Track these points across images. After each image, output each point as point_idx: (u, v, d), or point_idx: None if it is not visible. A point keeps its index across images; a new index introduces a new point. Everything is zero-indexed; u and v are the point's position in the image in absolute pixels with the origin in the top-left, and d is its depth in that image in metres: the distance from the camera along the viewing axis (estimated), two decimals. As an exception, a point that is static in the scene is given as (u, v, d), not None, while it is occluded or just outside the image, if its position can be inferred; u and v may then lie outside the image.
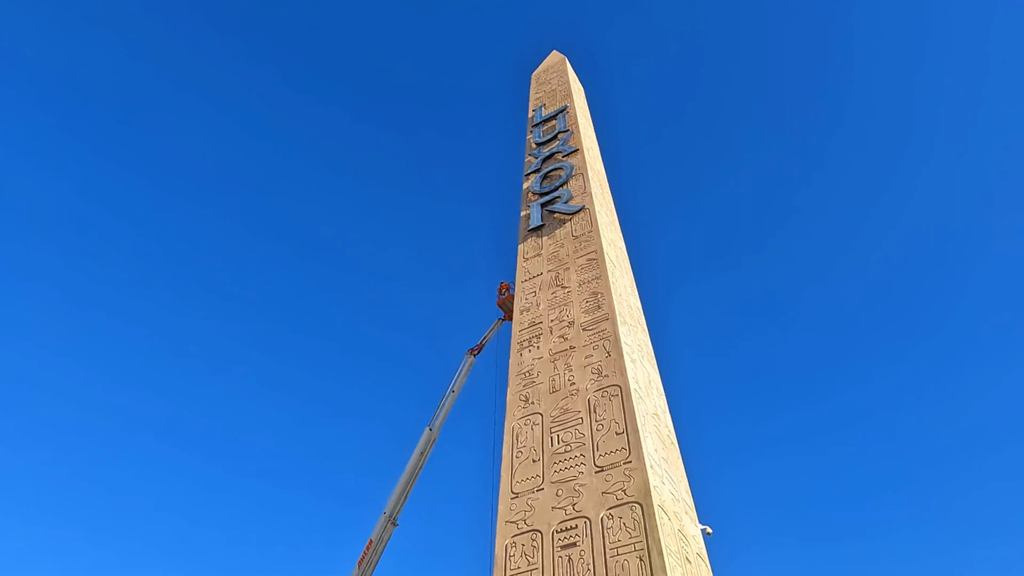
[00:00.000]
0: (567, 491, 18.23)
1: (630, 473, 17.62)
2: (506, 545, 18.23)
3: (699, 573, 17.76)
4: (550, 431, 20.23)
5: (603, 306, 23.20)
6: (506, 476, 19.96)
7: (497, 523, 19.04)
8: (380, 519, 27.65)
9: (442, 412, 30.82)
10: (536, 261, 27.65)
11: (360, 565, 26.57)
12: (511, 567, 17.69)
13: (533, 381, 22.24)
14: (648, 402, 21.08)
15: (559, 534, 17.50)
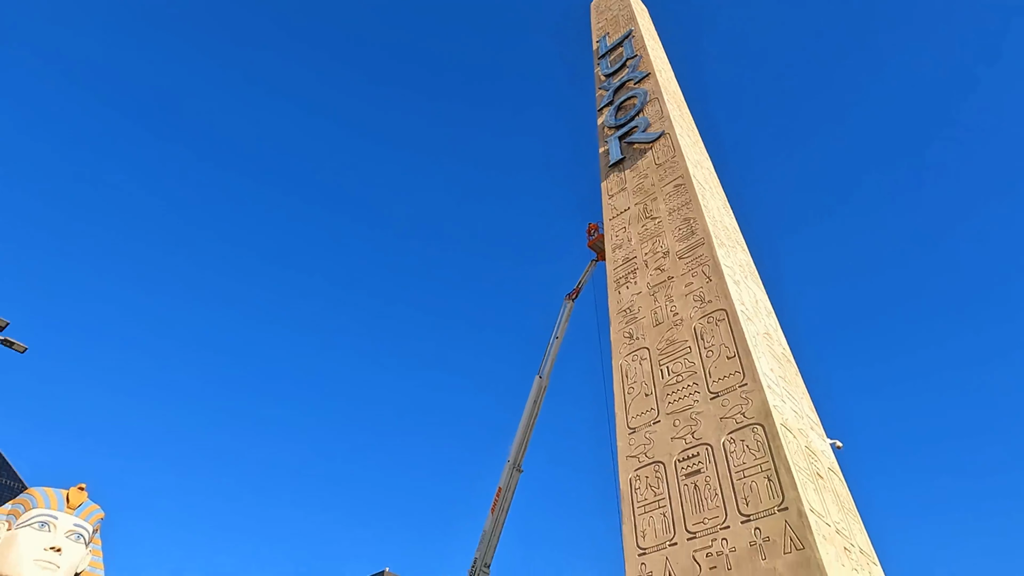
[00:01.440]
0: (684, 420, 18.13)
1: (747, 396, 17.25)
2: (630, 479, 18.46)
3: (833, 487, 17.31)
4: (659, 364, 20.06)
5: (697, 231, 22.45)
6: (620, 413, 20.07)
7: (618, 459, 19.29)
8: (505, 467, 28.74)
9: (549, 359, 31.27)
10: (622, 196, 27.03)
11: (493, 511, 27.86)
12: (638, 500, 17.93)
13: (635, 317, 22.02)
14: (757, 322, 20.40)
15: (681, 463, 17.50)
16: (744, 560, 14.91)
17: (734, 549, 15.21)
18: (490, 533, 27.42)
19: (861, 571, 15.45)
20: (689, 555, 15.93)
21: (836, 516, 16.15)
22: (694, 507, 16.52)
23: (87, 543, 29.86)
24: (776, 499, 15.15)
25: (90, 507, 30.64)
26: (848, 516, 17.01)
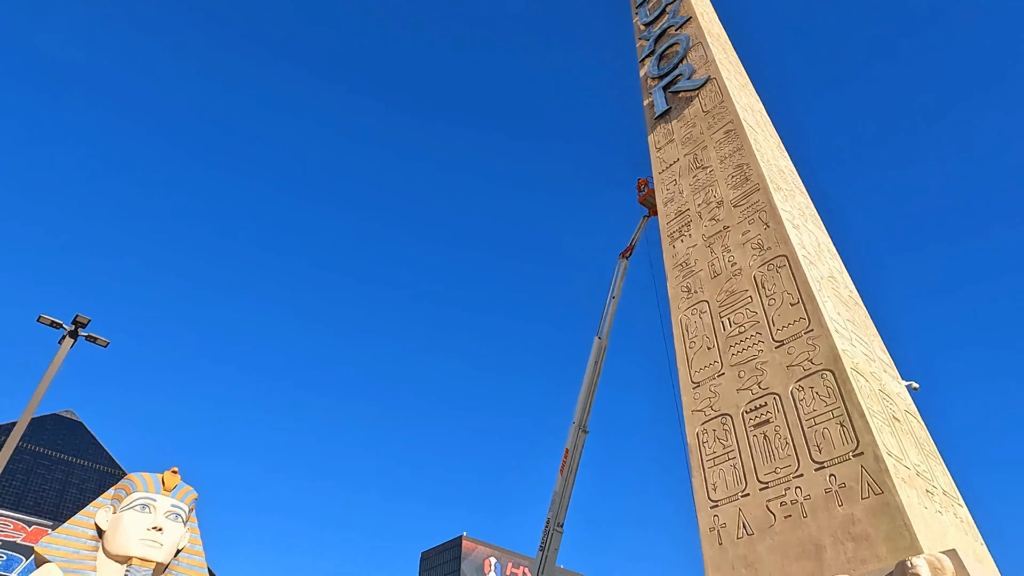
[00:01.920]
0: (749, 371, 17.85)
1: (813, 341, 16.81)
2: (696, 433, 18.38)
3: (911, 429, 16.80)
4: (719, 316, 19.72)
5: (751, 177, 21.74)
6: (683, 368, 19.91)
7: (683, 414, 19.20)
8: (571, 429, 29.02)
9: (607, 319, 31.14)
10: (670, 148, 26.36)
11: (562, 472, 28.28)
12: (706, 453, 17.86)
13: (692, 270, 21.64)
14: (821, 266, 19.74)
15: (749, 414, 17.29)
16: (819, 507, 14.73)
17: (809, 497, 15.02)
18: (561, 493, 27.88)
19: (945, 512, 15.04)
20: (762, 505, 15.83)
21: (915, 458, 15.71)
22: (765, 457, 16.35)
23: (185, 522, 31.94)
24: (850, 444, 14.84)
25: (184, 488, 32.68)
26: (928, 458, 16.52)
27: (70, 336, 12.91)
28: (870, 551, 13.60)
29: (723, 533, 16.36)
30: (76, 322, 12.90)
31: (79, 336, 12.95)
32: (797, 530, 14.94)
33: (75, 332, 12.99)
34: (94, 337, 13.19)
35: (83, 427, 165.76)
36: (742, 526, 16.05)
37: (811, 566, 14.25)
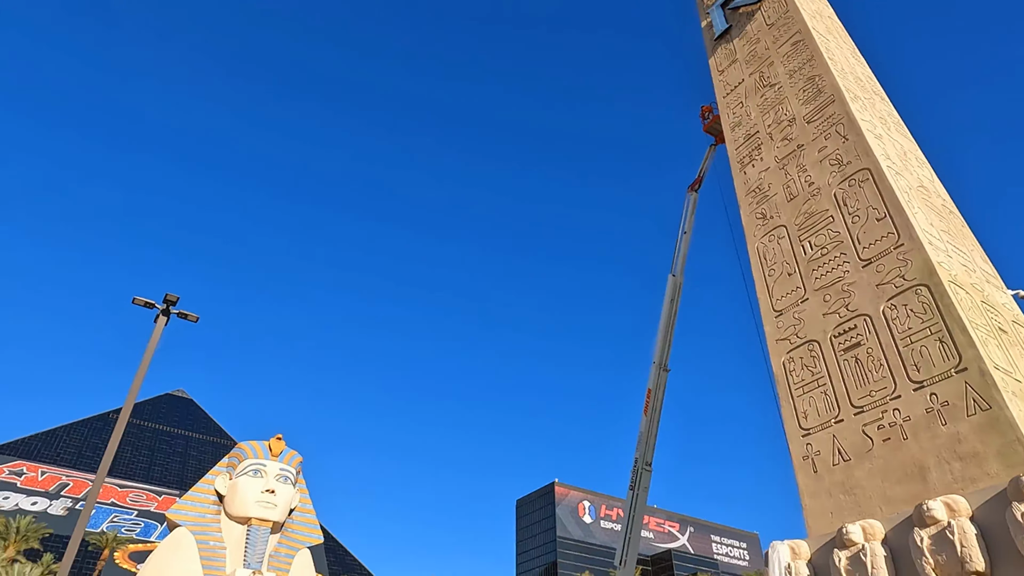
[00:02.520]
0: (835, 294, 17.04)
1: (904, 256, 15.81)
2: (783, 362, 17.83)
3: (1020, 340, 15.67)
4: (799, 240, 18.82)
5: (824, 89, 20.34)
6: (763, 297, 19.23)
7: (767, 343, 18.63)
8: (652, 369, 28.78)
9: (680, 255, 30.32)
10: (733, 69, 24.96)
11: (646, 412, 28.22)
12: (794, 382, 17.33)
13: (766, 195, 20.67)
14: (908, 176, 18.41)
15: (837, 338, 16.58)
16: (921, 428, 14.08)
17: (908, 418, 14.37)
18: (646, 433, 27.88)
19: (1063, 425, 14.06)
20: (858, 430, 15.28)
21: (1027, 370, 14.68)
22: (858, 381, 15.70)
23: (294, 484, 33.63)
24: (951, 361, 14.01)
25: (290, 453, 34.35)
26: (1041, 369, 15.40)
27: (163, 314, 13.87)
28: (979, 469, 12.94)
29: (817, 461, 15.95)
30: (167, 300, 13.80)
31: (171, 314, 13.91)
32: (897, 453, 14.38)
33: (167, 310, 13.93)
34: (184, 314, 14.09)
35: (194, 404, 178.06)
36: (837, 452, 15.59)
37: (915, 488, 13.72)
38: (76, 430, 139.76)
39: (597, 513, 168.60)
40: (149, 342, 12.33)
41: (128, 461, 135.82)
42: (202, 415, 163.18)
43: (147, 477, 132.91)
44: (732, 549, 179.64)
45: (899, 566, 12.84)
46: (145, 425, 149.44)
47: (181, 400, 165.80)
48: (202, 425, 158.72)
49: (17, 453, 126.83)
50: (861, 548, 13.22)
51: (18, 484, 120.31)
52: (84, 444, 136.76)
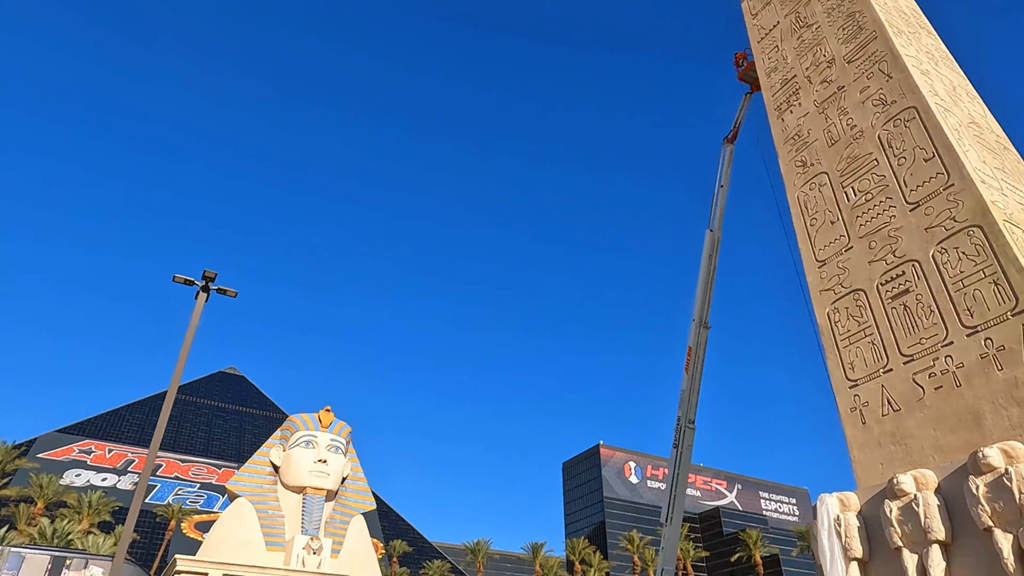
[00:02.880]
0: (881, 240, 16.41)
1: (955, 197, 15.08)
2: (827, 313, 17.36)
3: (1082, 280, 14.87)
4: (841, 186, 18.12)
5: (865, 25, 19.31)
6: (805, 247, 18.67)
7: (810, 295, 18.14)
8: (692, 326, 28.33)
9: (717, 210, 29.51)
10: (767, 12, 23.89)
11: (687, 371, 27.91)
12: (839, 333, 16.87)
13: (805, 142, 19.90)
14: (958, 112, 17.46)
15: (884, 286, 16.02)
16: (975, 374, 13.58)
17: (961, 364, 13.87)
18: (688, 391, 27.61)
19: None
20: (908, 379, 14.84)
21: (1090, 310, 13.96)
22: (907, 329, 15.19)
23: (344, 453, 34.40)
24: (1007, 303, 13.40)
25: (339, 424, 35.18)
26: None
27: (203, 291, 14.25)
28: (1039, 414, 12.46)
29: (865, 412, 15.59)
30: (205, 277, 14.17)
31: (211, 290, 14.28)
32: (950, 400, 13.93)
33: (206, 286, 14.31)
34: (224, 289, 14.46)
35: (246, 380, 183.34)
36: (886, 402, 15.19)
37: (969, 436, 13.30)
38: (137, 409, 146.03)
39: (643, 473, 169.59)
40: (191, 318, 12.70)
41: (188, 437, 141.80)
42: (254, 391, 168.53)
43: (206, 452, 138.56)
44: (781, 505, 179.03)
45: (953, 515, 12.54)
46: (201, 403, 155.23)
47: (233, 377, 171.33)
48: (255, 400, 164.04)
49: (85, 433, 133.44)
50: (913, 498, 12.94)
51: (88, 462, 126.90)
52: (145, 422, 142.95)
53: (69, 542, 42.39)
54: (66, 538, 42.73)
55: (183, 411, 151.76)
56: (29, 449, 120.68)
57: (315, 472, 50.26)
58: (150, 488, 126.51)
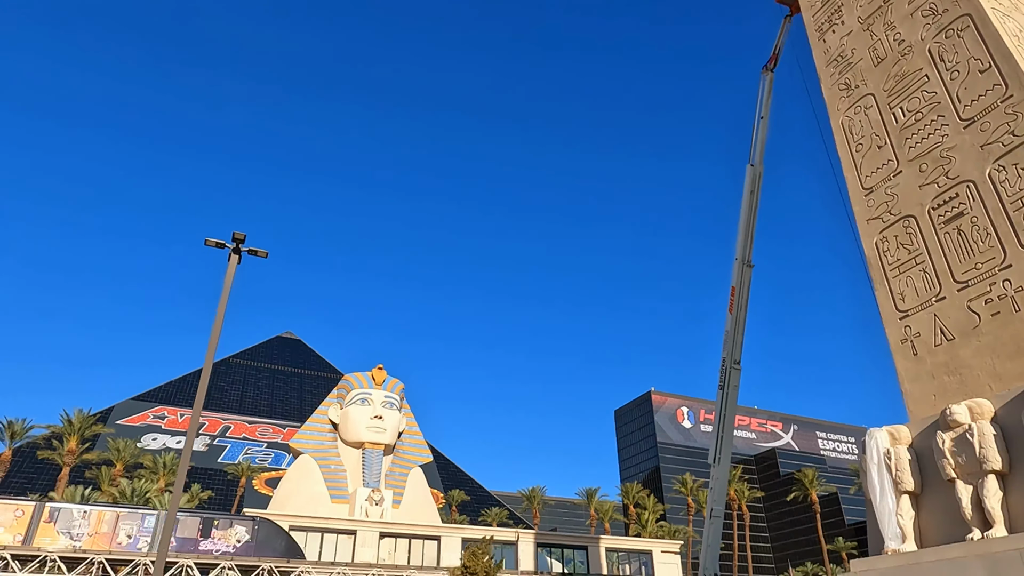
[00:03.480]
0: (932, 162, 15.46)
1: (1014, 109, 14.00)
2: (875, 243, 16.60)
3: None
4: (889, 107, 17.05)
5: (913, -71, 17.79)
6: (851, 175, 17.78)
7: (857, 225, 17.35)
8: (734, 265, 27.50)
9: (758, 143, 28.16)
10: (805, -76, 22.29)
11: (731, 311, 27.25)
12: (889, 262, 16.14)
13: (849, 62, 18.72)
14: (1018, 16, 16.08)
15: (936, 211, 15.16)
16: (1036, 297, 12.81)
17: (1021, 288, 13.10)
18: (732, 332, 27.04)
19: None
20: (962, 306, 14.13)
21: None
22: (961, 254, 14.40)
23: (399, 409, 36.75)
24: (1072, 220, 12.51)
25: (392, 381, 37.42)
26: None
27: (234, 252, 14.49)
28: (1106, 336, 11.72)
29: (917, 343, 14.99)
30: (235, 239, 14.40)
31: (242, 252, 14.52)
32: (1009, 327, 13.23)
33: (237, 248, 14.54)
34: (254, 250, 14.66)
35: (302, 343, 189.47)
36: (939, 332, 14.55)
37: (1029, 362, 12.65)
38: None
39: (696, 418, 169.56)
40: (225, 279, 12.97)
41: (252, 400, 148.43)
42: (311, 353, 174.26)
43: (270, 413, 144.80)
44: (839, 444, 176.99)
45: (1011, 444, 12.05)
46: (263, 367, 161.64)
47: (291, 341, 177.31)
48: (312, 362, 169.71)
49: (157, 399, 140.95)
50: (967, 428, 12.47)
51: (162, 426, 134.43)
52: (211, 387, 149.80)
53: (147, 500, 45.56)
54: (144, 496, 45.89)
55: (246, 376, 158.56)
56: (108, 416, 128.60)
57: (372, 428, 52.29)
58: (221, 449, 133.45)
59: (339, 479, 46.70)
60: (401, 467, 48.63)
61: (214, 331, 11.91)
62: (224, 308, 12.60)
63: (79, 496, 44.78)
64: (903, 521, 13.13)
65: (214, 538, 33.58)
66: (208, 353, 12.21)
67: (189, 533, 33.31)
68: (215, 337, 11.82)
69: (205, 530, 33.75)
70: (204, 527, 33.72)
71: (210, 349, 12.23)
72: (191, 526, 33.43)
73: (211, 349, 12.19)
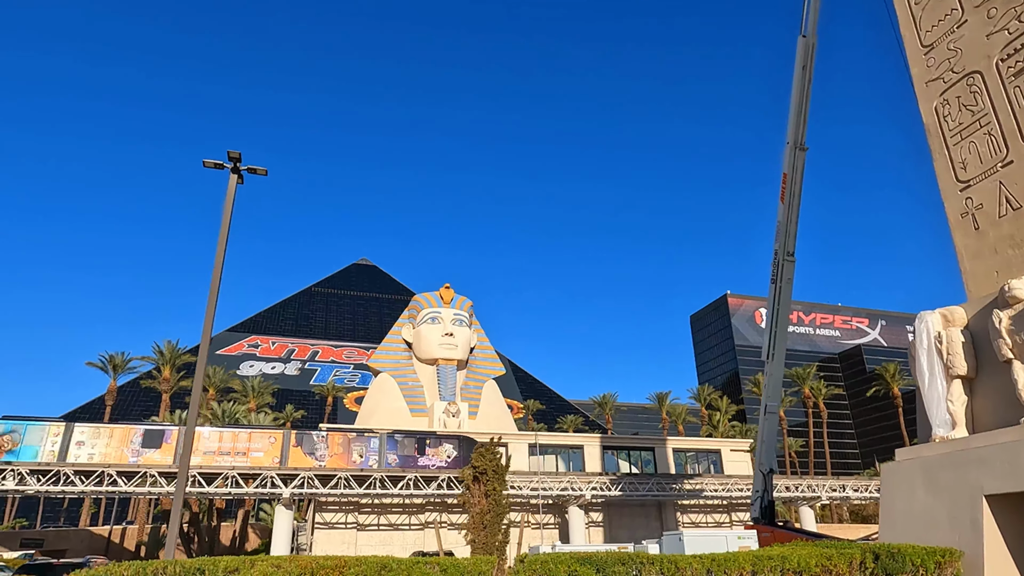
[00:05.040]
0: (1002, 5, 13.37)
1: (1103, -74, 11.72)
2: (935, 108, 14.80)
3: None
4: (954, -55, 14.70)
5: None
6: (908, 32, 15.74)
7: (915, 89, 15.47)
8: (786, 150, 25.24)
9: (811, 11, 25.02)
10: None
11: (783, 200, 25.34)
12: (949, 128, 14.40)
13: (909, -102, 16.16)
14: None
15: (1006, 62, 13.22)
16: (1118, 150, 11.09)
17: (1101, 142, 11.36)
18: (785, 222, 25.27)
19: None
20: (1032, 169, 12.47)
21: None
22: (1032, 109, 12.58)
23: (469, 325, 38.21)
24: None
25: (460, 299, 38.79)
26: None
27: (233, 172, 14.45)
28: None
29: (979, 215, 13.49)
30: (232, 159, 14.30)
31: (241, 171, 14.46)
32: (1085, 188, 11.60)
33: (236, 168, 14.47)
34: (253, 169, 14.57)
35: (378, 269, 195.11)
36: (1004, 201, 13.00)
37: (1106, 226, 11.12)
38: (288, 306, 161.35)
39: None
40: (225, 199, 13.01)
41: (336, 326, 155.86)
42: (387, 278, 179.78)
43: (353, 337, 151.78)
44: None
45: (1078, 318, 10.78)
46: (343, 293, 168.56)
47: (366, 268, 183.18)
48: (388, 286, 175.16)
49: (249, 330, 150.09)
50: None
51: (257, 354, 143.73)
52: (297, 315, 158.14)
53: (236, 420, 49.40)
54: (233, 417, 49.74)
55: (327, 303, 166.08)
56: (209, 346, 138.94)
57: (444, 345, 54.07)
58: (312, 372, 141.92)
59: (417, 394, 48.95)
60: (475, 380, 50.23)
61: (218, 251, 12.02)
62: (227, 228, 12.67)
63: (177, 419, 49.52)
64: (953, 407, 12.22)
65: (428, 455, 38.13)
66: (215, 269, 12.37)
67: (408, 452, 38.07)
68: (220, 255, 11.93)
69: (420, 448, 38.29)
70: (419, 446, 38.37)
71: (216, 264, 12.38)
72: (409, 446, 38.14)
73: (218, 264, 12.33)
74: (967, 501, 10.96)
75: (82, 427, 33.81)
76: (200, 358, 13.59)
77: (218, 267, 12.36)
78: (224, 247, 12.60)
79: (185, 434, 13.50)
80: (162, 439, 34.76)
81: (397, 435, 38.74)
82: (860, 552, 10.21)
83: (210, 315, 12.75)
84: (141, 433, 34.63)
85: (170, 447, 34.52)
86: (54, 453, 32.35)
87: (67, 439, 32.78)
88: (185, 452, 13.14)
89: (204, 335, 12.83)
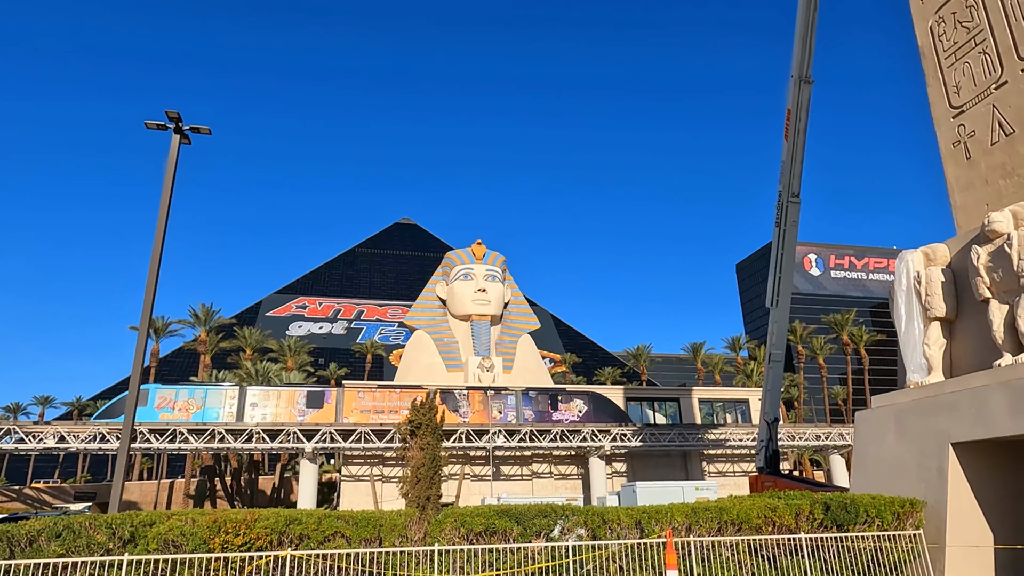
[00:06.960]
0: (999, -97, 11.95)
1: None
2: (929, 28, 13.60)
3: None
4: None
5: None
6: (903, -56, 14.32)
7: (912, 9, 14.18)
8: (790, 84, 23.52)
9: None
10: None
11: (787, 137, 23.85)
12: (943, 49, 13.21)
13: None
14: None
15: (1002, -31, 11.88)
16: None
17: (1098, 54, 10.16)
18: (790, 161, 23.88)
19: None
20: (1027, 89, 11.32)
21: None
22: (1027, 22, 11.34)
23: (502, 281, 38.18)
24: None
25: (492, 255, 38.79)
26: None
27: (176, 132, 14.34)
28: None
29: (971, 144, 12.41)
30: (171, 118, 14.15)
31: (183, 131, 14.33)
32: (1080, 107, 10.45)
33: (178, 128, 14.33)
34: (197, 128, 14.41)
35: (419, 228, 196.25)
36: (997, 127, 11.90)
37: (1098, 148, 10.02)
38: (333, 267, 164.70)
39: (825, 264, 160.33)
40: (168, 160, 12.93)
41: (380, 285, 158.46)
42: (428, 236, 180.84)
43: (396, 296, 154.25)
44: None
45: (1059, 252, 9.84)
46: (386, 253, 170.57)
47: (408, 227, 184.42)
48: (430, 245, 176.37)
49: (296, 291, 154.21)
50: (1006, 238, 10.31)
51: (304, 315, 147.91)
52: (342, 276, 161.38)
53: (269, 380, 51.24)
54: (266, 375, 51.61)
55: (371, 263, 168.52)
56: (258, 309, 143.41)
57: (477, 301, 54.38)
58: (358, 331, 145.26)
59: (452, 350, 49.62)
60: (510, 335, 50.50)
61: (161, 211, 12.06)
62: (170, 190, 12.64)
63: (214, 378, 52.00)
64: (930, 351, 11.48)
65: (561, 410, 39.68)
66: (157, 230, 12.43)
67: (543, 408, 39.92)
68: (163, 216, 11.94)
69: (553, 404, 39.97)
70: (552, 402, 40.12)
71: (159, 225, 12.41)
72: (543, 401, 39.98)
73: (161, 220, 12.34)
74: (934, 450, 10.36)
75: (255, 390, 37.07)
76: (143, 311, 13.78)
77: (161, 223, 12.40)
78: (168, 205, 12.65)
79: (129, 394, 14.04)
80: (323, 399, 37.69)
81: (531, 391, 40.06)
82: (809, 503, 9.80)
83: (154, 269, 12.85)
84: (304, 394, 37.58)
85: (331, 407, 37.42)
86: (232, 414, 35.57)
87: (242, 401, 35.94)
88: (128, 413, 13.63)
89: (148, 291, 12.98)
